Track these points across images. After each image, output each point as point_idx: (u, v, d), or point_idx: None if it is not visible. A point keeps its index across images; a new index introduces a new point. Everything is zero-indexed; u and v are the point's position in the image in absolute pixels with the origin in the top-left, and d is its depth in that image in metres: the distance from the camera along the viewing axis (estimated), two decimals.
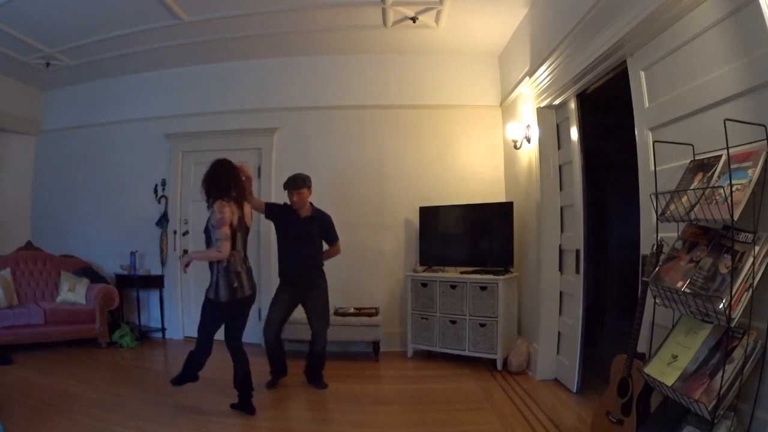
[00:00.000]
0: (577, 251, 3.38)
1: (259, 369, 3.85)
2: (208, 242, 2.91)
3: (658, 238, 2.11)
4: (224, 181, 2.93)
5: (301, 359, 3.62)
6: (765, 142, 1.63)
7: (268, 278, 4.60)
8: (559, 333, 3.69)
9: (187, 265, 2.95)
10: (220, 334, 2.97)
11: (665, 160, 2.26)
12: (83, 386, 3.42)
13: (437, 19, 4.09)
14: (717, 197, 1.71)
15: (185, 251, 5.09)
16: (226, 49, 4.76)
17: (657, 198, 2.03)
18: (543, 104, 3.71)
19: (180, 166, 5.17)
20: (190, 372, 3.05)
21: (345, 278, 4.50)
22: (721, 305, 1.60)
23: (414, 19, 4.07)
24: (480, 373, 3.90)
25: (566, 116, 3.57)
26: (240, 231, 2.96)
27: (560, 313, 3.70)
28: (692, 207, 1.82)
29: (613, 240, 4.70)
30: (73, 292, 4.75)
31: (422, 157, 4.83)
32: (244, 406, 2.99)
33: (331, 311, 4.46)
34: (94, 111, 5.45)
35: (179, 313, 5.15)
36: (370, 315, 4.41)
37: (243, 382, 3.00)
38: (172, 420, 2.90)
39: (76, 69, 5.02)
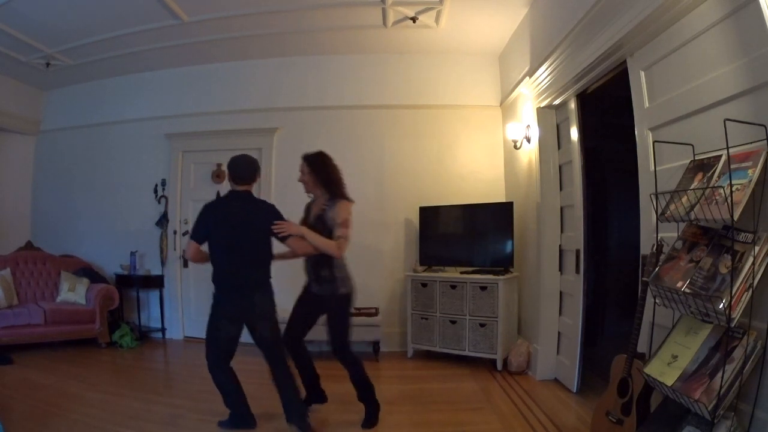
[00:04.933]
0: (577, 251, 3.38)
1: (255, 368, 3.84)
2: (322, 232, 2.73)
3: (658, 238, 2.11)
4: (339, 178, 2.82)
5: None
6: (765, 142, 1.63)
7: None
8: (559, 333, 3.69)
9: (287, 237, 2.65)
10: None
11: (665, 160, 2.26)
12: (83, 386, 3.42)
13: (437, 19, 4.09)
14: (717, 197, 1.71)
15: (184, 251, 5.09)
16: (226, 49, 4.76)
17: (657, 198, 2.03)
18: (543, 104, 3.71)
19: (180, 166, 5.17)
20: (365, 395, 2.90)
21: None
22: (721, 305, 1.60)
23: (414, 19, 4.07)
24: (480, 373, 3.90)
25: (566, 116, 3.57)
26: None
27: (560, 313, 3.70)
28: (692, 207, 1.82)
29: (613, 240, 4.69)
30: (73, 292, 4.75)
31: (422, 157, 4.83)
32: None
33: None
34: (94, 111, 5.45)
35: (179, 313, 5.15)
36: (370, 315, 4.40)
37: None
38: (172, 420, 2.90)
39: (76, 69, 5.02)
